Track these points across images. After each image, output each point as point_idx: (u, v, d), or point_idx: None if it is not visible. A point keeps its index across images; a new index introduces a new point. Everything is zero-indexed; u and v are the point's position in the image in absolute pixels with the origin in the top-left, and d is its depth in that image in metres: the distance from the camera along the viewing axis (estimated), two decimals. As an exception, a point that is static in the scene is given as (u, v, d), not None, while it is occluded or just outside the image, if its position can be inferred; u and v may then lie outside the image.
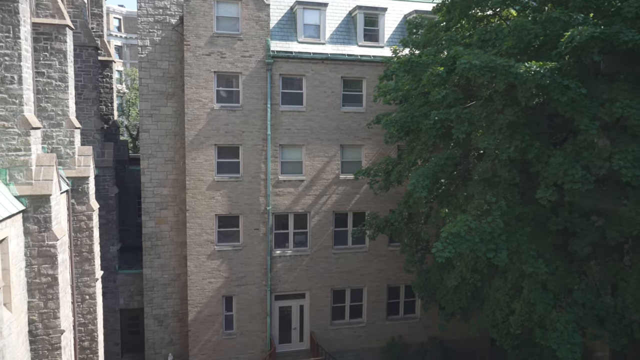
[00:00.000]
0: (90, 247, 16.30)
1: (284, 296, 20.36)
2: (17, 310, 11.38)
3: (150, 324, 20.09)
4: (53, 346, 12.53)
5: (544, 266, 12.06)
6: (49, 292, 12.29)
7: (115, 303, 20.53)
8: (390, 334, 21.22)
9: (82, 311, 16.56)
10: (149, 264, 19.87)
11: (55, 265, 12.25)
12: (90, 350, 16.98)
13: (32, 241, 11.97)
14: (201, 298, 19.40)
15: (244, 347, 19.91)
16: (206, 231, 19.19)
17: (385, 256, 20.97)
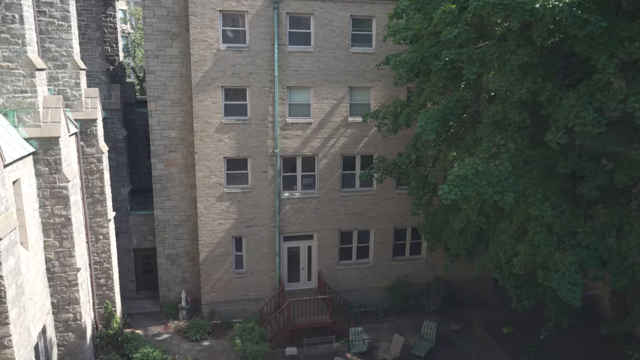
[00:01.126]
0: (101, 189, 16.59)
1: (293, 237, 20.80)
2: (34, 249, 11.77)
3: (163, 263, 20.75)
4: (70, 283, 13.05)
5: (550, 209, 12.11)
6: (64, 232, 12.65)
7: (128, 243, 21.12)
8: (396, 274, 21.78)
9: (96, 250, 17.10)
10: (160, 206, 20.25)
11: (68, 206, 12.52)
12: (106, 287, 17.68)
13: (44, 183, 12.18)
14: (211, 239, 19.88)
15: (254, 286, 20.60)
16: (215, 174, 19.36)
17: (393, 199, 21.14)
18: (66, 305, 13.22)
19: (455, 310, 21.19)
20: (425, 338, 18.72)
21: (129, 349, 17.37)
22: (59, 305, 13.17)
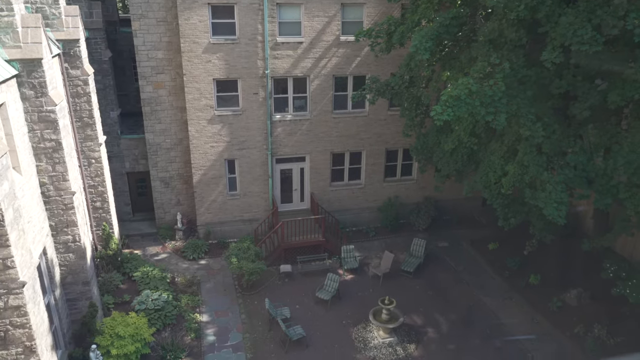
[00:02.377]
0: (90, 113, 16.33)
1: (285, 159, 20.92)
2: (27, 174, 11.78)
3: (157, 186, 20.95)
4: (66, 206, 13.21)
5: (542, 130, 12.18)
6: (55, 156, 12.60)
7: (121, 167, 21.16)
8: (387, 195, 22.23)
9: (90, 174, 17.17)
10: (151, 129, 20.07)
11: (58, 130, 12.38)
12: (102, 209, 17.95)
13: (30, 107, 11.94)
14: (204, 161, 19.95)
15: (248, 207, 21.02)
16: (205, 96, 19.03)
17: (385, 120, 21.07)
18: (64, 228, 13.48)
19: (444, 228, 21.91)
20: (414, 255, 19.51)
21: (129, 268, 18.01)
22: (58, 227, 13.42)
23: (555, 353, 14.86)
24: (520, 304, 17.07)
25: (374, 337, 15.62)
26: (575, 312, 16.10)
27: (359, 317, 16.39)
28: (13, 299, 9.31)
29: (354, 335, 15.74)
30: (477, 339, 15.57)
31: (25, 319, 9.50)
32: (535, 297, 17.04)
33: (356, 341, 15.52)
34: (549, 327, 15.83)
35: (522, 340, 15.43)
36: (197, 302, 17.06)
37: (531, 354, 14.83)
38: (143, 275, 17.44)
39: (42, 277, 12.11)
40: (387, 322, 15.43)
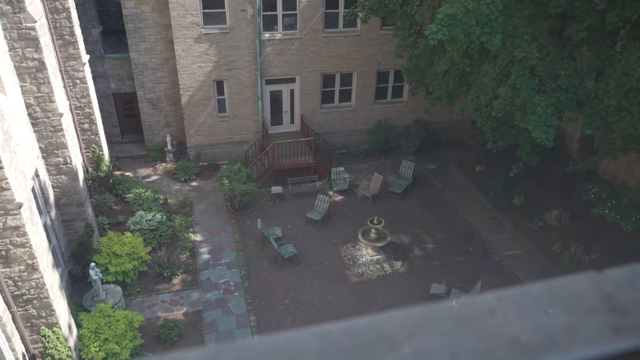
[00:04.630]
0: (71, 30, 15.66)
1: (274, 80, 20.55)
2: (12, 95, 11.52)
3: (144, 107, 20.62)
4: (55, 128, 13.07)
5: (536, 51, 12.02)
6: (39, 77, 12.26)
7: (107, 87, 20.65)
8: (377, 117, 22.19)
9: (76, 95, 16.80)
10: (135, 48, 19.39)
11: (40, 49, 11.95)
12: (91, 131, 17.77)
13: (9, 23, 11.42)
14: (192, 82, 19.53)
15: (238, 129, 20.93)
16: (190, 12, 18.23)
17: (377, 40, 20.53)
18: (55, 150, 13.43)
19: (433, 151, 22.18)
20: (403, 177, 19.88)
21: (121, 189, 18.20)
22: (48, 150, 13.36)
23: (532, 268, 15.74)
24: (504, 223, 17.77)
25: (363, 254, 16.32)
26: (555, 231, 16.85)
27: (348, 237, 17.01)
28: (11, 219, 9.48)
29: (343, 253, 16.42)
30: (461, 256, 16.36)
31: (25, 238, 9.73)
32: (518, 217, 17.72)
33: (345, 259, 16.22)
34: (530, 245, 16.63)
35: (506, 256, 16.26)
36: (191, 222, 17.48)
37: (510, 269, 15.70)
38: (136, 196, 17.67)
39: (37, 198, 12.24)
40: (376, 240, 16.06)
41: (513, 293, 0.55)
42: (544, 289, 0.56)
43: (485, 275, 15.23)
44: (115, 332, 12.03)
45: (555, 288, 0.56)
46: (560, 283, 0.57)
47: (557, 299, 0.53)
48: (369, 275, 15.61)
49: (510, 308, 0.51)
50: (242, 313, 14.19)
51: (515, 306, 0.52)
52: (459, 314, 0.51)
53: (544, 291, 0.55)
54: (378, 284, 15.29)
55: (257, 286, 15.09)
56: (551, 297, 0.53)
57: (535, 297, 0.54)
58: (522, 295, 0.54)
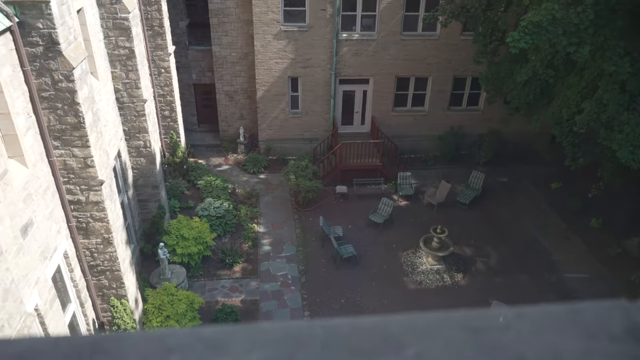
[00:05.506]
0: (160, 22, 16.56)
1: (348, 80, 20.62)
2: (103, 79, 12.38)
3: (221, 99, 21.44)
4: (138, 113, 13.90)
5: (628, 65, 11.20)
6: (129, 64, 13.09)
7: (188, 78, 21.67)
8: (450, 124, 21.65)
9: (160, 83, 17.75)
10: (217, 42, 20.19)
11: (131, 38, 12.75)
12: (170, 118, 18.71)
13: (106, 13, 12.27)
14: (268, 78, 20.04)
15: (308, 126, 21.22)
16: (272, 9, 18.71)
17: (456, 45, 20.02)
18: (136, 134, 14.30)
19: (506, 163, 21.30)
20: (472, 187, 19.27)
21: (193, 176, 19.04)
22: (130, 133, 14.25)
23: (601, 295, 14.71)
24: (577, 245, 16.75)
25: (423, 262, 16.01)
26: (635, 260, 15.64)
27: (409, 243, 16.75)
28: (93, 194, 10.21)
29: (402, 259, 16.21)
30: (525, 274, 15.62)
31: (104, 213, 10.45)
32: (594, 241, 16.64)
33: (404, 265, 16.00)
34: (603, 271, 15.57)
35: (573, 278, 15.33)
36: (255, 213, 17.97)
37: (577, 292, 14.78)
38: (206, 184, 18.42)
39: (117, 177, 13.10)
40: (437, 249, 15.70)
41: (534, 311, 0.54)
42: (568, 310, 0.54)
43: (548, 296, 14.44)
44: (176, 310, 12.63)
45: (580, 310, 0.54)
46: (586, 306, 0.55)
47: (578, 321, 0.51)
48: (427, 284, 15.30)
49: (527, 325, 0.51)
50: (296, 307, 14.40)
51: (532, 324, 0.51)
52: (471, 324, 0.51)
53: (567, 312, 0.54)
54: (436, 294, 14.94)
55: (313, 282, 15.25)
56: (573, 319, 0.52)
57: (556, 317, 0.53)
58: (542, 314, 0.53)
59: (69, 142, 9.57)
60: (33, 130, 8.94)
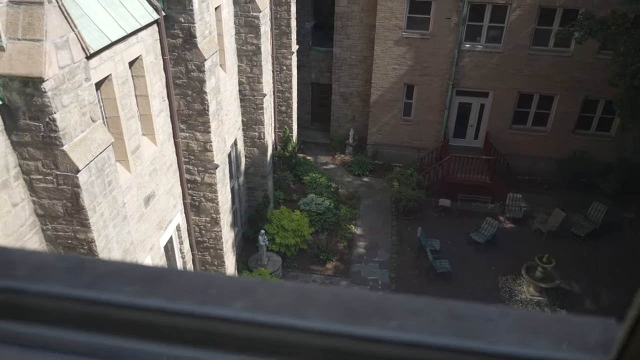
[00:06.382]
0: (287, 22, 17.40)
1: (466, 92, 19.99)
2: (230, 72, 13.36)
3: (336, 99, 21.96)
4: (257, 106, 14.78)
5: None
6: (254, 60, 13.97)
7: (307, 76, 22.49)
8: (573, 148, 20.03)
9: (280, 80, 18.67)
10: (339, 44, 20.71)
11: (259, 36, 13.60)
12: (286, 114, 19.60)
13: (239, 11, 13.22)
14: (384, 83, 20.13)
15: (418, 134, 20.94)
16: (396, 15, 18.76)
17: (591, 64, 18.46)
18: (253, 125, 15.22)
19: (635, 198, 19.20)
20: (590, 219, 17.69)
21: (300, 171, 19.76)
22: (247, 124, 15.21)
23: None
24: None
25: (522, 291, 15.08)
26: None
27: (510, 268, 15.85)
28: (208, 177, 11.10)
29: (500, 284, 15.40)
30: (642, 323, 14.01)
31: (215, 195, 11.32)
32: None
33: (502, 290, 15.19)
34: None
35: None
36: (355, 215, 18.18)
37: None
38: (311, 180, 19.02)
39: (231, 164, 14.07)
40: (541, 280, 14.68)
41: (521, 314, 0.60)
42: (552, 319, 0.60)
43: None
44: (267, 296, 13.26)
45: (564, 320, 0.59)
46: (573, 319, 0.60)
47: (558, 330, 0.57)
48: (524, 314, 14.37)
49: (508, 322, 0.57)
50: (382, 313, 14.35)
51: (513, 322, 0.57)
52: (457, 312, 0.59)
53: (550, 320, 0.59)
54: (532, 327, 13.97)
55: (403, 292, 15.08)
56: (553, 326, 0.57)
57: (538, 321, 0.59)
58: (527, 318, 0.59)
59: (193, 127, 10.50)
60: (165, 113, 9.96)
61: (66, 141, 5.82)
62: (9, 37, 5.29)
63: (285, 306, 0.56)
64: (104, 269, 0.62)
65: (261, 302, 0.57)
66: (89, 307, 0.56)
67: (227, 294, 0.59)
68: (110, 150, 6.66)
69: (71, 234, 6.44)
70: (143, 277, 0.61)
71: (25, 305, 0.53)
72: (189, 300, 0.58)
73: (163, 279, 0.62)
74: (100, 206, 6.51)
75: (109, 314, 0.57)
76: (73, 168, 5.92)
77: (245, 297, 0.59)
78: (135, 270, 0.63)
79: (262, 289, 0.60)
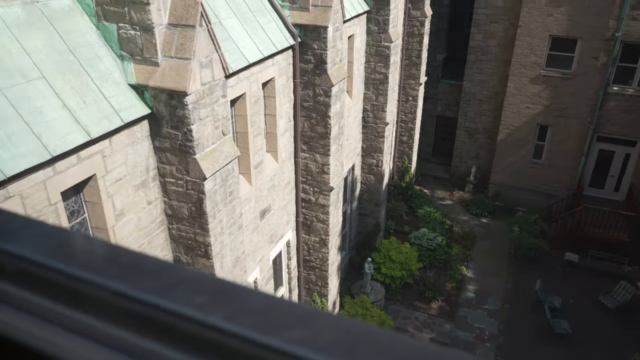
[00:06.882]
0: (418, 53, 17.39)
1: (609, 139, 18.14)
2: (355, 99, 13.65)
3: (461, 134, 21.27)
4: (379, 134, 14.87)
5: None
6: (380, 88, 14.13)
7: (433, 109, 22.16)
8: None
9: (404, 110, 18.64)
10: (469, 78, 20.14)
11: (388, 65, 13.74)
12: (407, 144, 19.46)
13: (371, 40, 13.51)
14: (514, 121, 19.07)
15: (547, 179, 19.41)
16: (535, 52, 17.77)
17: None
18: (372, 152, 15.31)
19: None
20: None
21: (415, 203, 19.37)
22: (367, 150, 15.34)
23: None
24: None
25: (659, 371, 13.01)
26: None
27: (646, 342, 13.80)
28: (322, 198, 11.35)
29: (632, 358, 13.45)
30: None
31: (326, 216, 11.52)
32: None
33: (632, 366, 13.26)
34: None
35: None
36: (467, 256, 17.27)
37: None
38: (425, 214, 18.51)
39: (346, 188, 14.26)
40: (684, 363, 12.56)
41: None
42: None
43: None
44: (366, 325, 13.05)
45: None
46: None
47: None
48: (659, 399, 12.37)
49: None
50: (487, 366, 13.33)
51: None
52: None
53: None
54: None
55: (512, 347, 13.87)
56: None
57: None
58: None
59: (314, 148, 10.85)
60: (289, 133, 10.44)
61: (198, 151, 6.34)
62: (164, 54, 5.96)
63: (338, 344, 0.52)
64: (179, 275, 0.64)
65: (315, 335, 0.54)
66: (153, 312, 0.57)
67: (285, 321, 0.57)
68: (235, 162, 7.12)
69: (192, 235, 6.96)
70: (213, 290, 0.62)
71: (90, 295, 0.56)
72: (247, 321, 0.57)
73: (231, 294, 0.61)
74: (220, 213, 6.96)
75: (175, 324, 0.58)
76: (201, 175, 6.43)
77: (301, 326, 0.56)
78: (206, 282, 0.63)
79: (321, 321, 0.57)
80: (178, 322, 0.58)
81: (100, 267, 0.58)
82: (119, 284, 0.55)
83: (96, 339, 0.55)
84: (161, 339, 0.57)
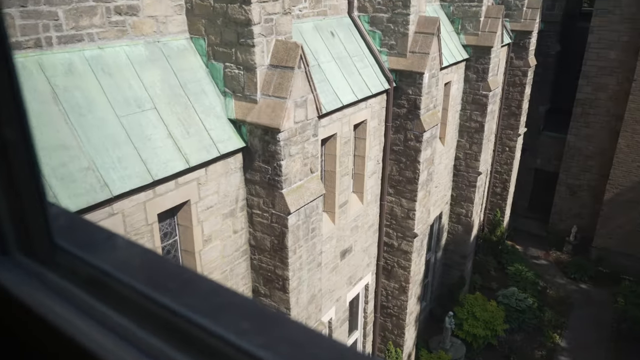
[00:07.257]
0: (519, 103, 16.80)
1: None
2: (448, 145, 13.39)
3: (561, 190, 19.92)
4: (470, 183, 14.38)
5: None
6: (475, 137, 13.75)
7: (531, 162, 21.03)
8: None
9: (499, 160, 17.92)
10: (575, 132, 18.97)
11: (484, 114, 13.40)
12: (500, 196, 18.60)
13: (469, 88, 13.30)
14: (625, 181, 17.53)
15: (663, 248, 17.43)
16: (652, 108, 16.39)
17: None
18: (462, 202, 14.79)
19: None
20: None
21: (505, 259, 18.25)
22: (456, 199, 14.85)
23: None
24: None
25: None
26: None
27: None
28: (405, 244, 11.10)
29: None
30: None
31: (408, 263, 11.21)
32: None
33: None
34: None
35: None
36: (562, 323, 15.81)
37: None
38: (516, 271, 17.35)
39: (431, 236, 13.84)
40: None
41: None
42: None
43: None
44: (442, 384, 12.30)
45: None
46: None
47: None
48: None
49: None
50: None
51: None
52: None
53: None
54: None
55: None
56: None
57: None
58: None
59: (400, 192, 10.73)
60: (376, 175, 10.43)
61: (285, 186, 6.54)
62: (263, 93, 6.31)
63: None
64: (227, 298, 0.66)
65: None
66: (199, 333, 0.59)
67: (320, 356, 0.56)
68: (320, 200, 7.23)
69: (272, 267, 7.10)
70: (257, 316, 0.63)
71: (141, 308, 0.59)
72: (285, 350, 0.57)
73: (274, 322, 0.62)
74: (301, 249, 7.05)
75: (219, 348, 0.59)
76: (285, 210, 6.59)
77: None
78: (252, 308, 0.65)
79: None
80: (224, 346, 0.59)
81: (160, 283, 0.62)
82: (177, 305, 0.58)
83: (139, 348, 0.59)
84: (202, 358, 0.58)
